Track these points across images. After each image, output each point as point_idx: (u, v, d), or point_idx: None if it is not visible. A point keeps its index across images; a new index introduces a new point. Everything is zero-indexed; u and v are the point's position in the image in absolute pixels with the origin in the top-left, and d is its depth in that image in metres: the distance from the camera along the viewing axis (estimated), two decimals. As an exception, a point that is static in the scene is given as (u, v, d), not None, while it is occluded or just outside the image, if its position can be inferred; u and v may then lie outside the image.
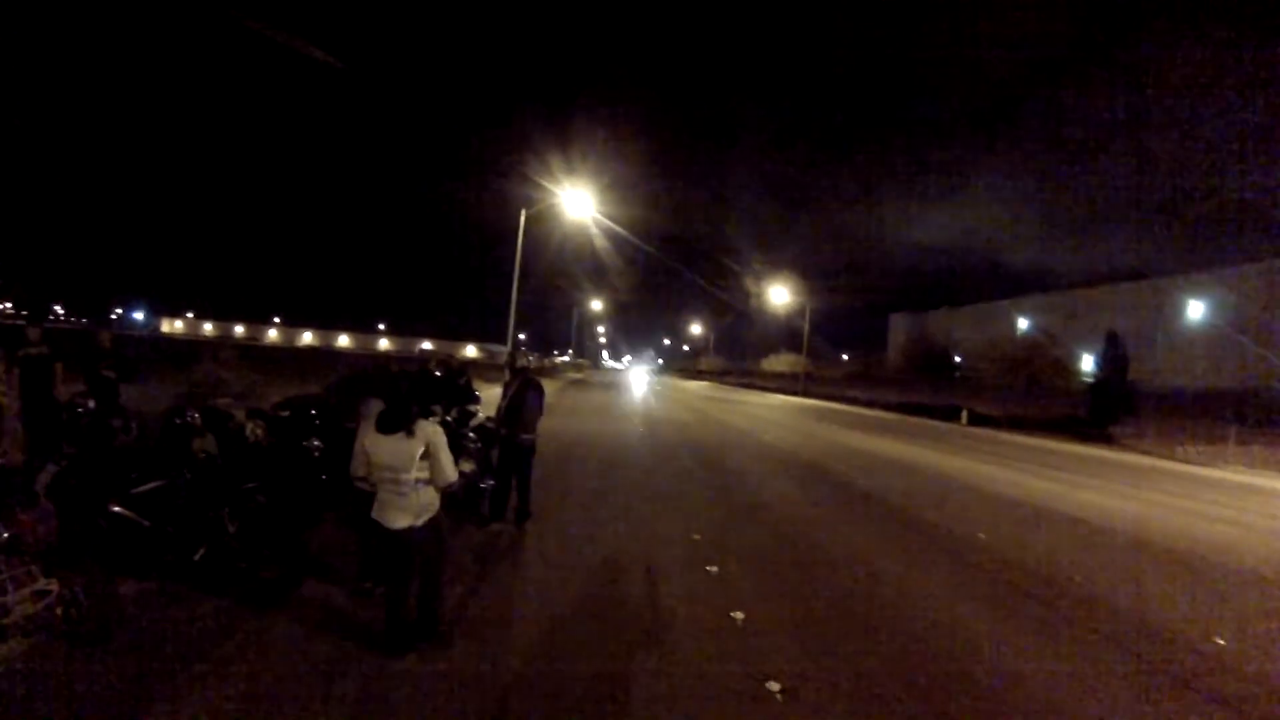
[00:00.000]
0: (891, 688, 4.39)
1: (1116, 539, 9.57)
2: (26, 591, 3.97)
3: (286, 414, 7.66)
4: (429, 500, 4.45)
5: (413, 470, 4.32)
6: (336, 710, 3.70)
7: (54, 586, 4.06)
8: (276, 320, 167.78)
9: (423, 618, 4.65)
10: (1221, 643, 5.71)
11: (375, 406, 5.31)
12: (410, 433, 4.36)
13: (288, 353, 51.66)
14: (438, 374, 10.21)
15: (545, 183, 26.62)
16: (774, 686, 4.25)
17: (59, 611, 4.05)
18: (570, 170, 27.88)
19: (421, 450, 4.34)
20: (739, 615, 5.42)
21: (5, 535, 4.02)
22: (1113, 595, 6.81)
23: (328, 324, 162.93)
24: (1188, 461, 23.24)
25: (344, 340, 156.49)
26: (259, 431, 6.90)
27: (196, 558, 5.15)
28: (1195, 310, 65.99)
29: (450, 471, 4.46)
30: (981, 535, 8.93)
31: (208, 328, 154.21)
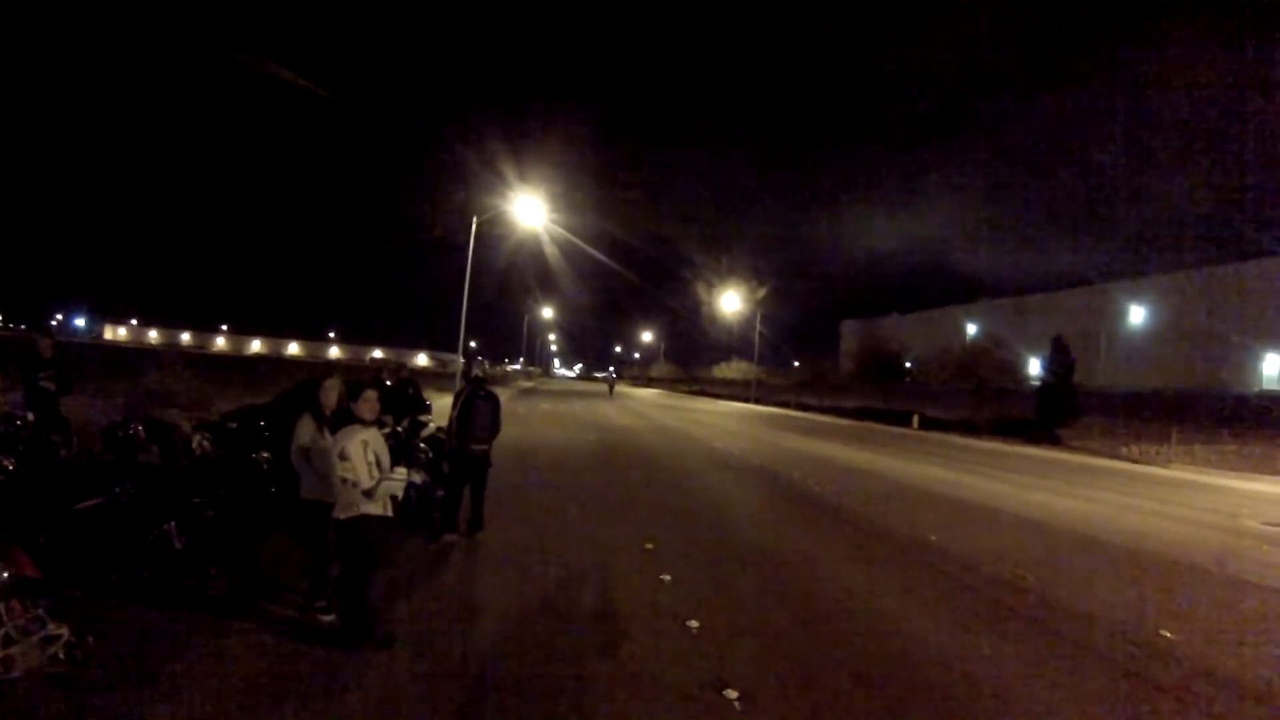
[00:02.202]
0: (848, 691, 4.43)
1: (1066, 537, 9.80)
2: (34, 640, 3.66)
3: (234, 425, 7.50)
4: (349, 499, 4.64)
5: (337, 469, 4.58)
6: (289, 727, 3.63)
7: (63, 631, 3.77)
8: (224, 328, 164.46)
9: (346, 623, 4.71)
10: (1168, 635, 5.88)
11: (306, 421, 5.25)
12: (332, 433, 4.80)
13: (236, 361, 50.59)
14: (388, 383, 10.08)
15: (497, 190, 26.55)
16: (731, 694, 4.26)
17: (62, 655, 3.74)
18: (522, 177, 27.86)
19: (339, 450, 4.59)
20: (694, 623, 5.43)
21: (5, 576, 3.68)
22: (1063, 592, 6.97)
23: (277, 331, 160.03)
24: (1133, 461, 23.88)
25: (294, 348, 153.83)
26: (206, 444, 6.76)
27: (143, 575, 5.01)
28: (1137, 315, 67.93)
29: (363, 476, 4.63)
30: (934, 537, 9.07)
31: (153, 335, 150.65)
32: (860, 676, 4.67)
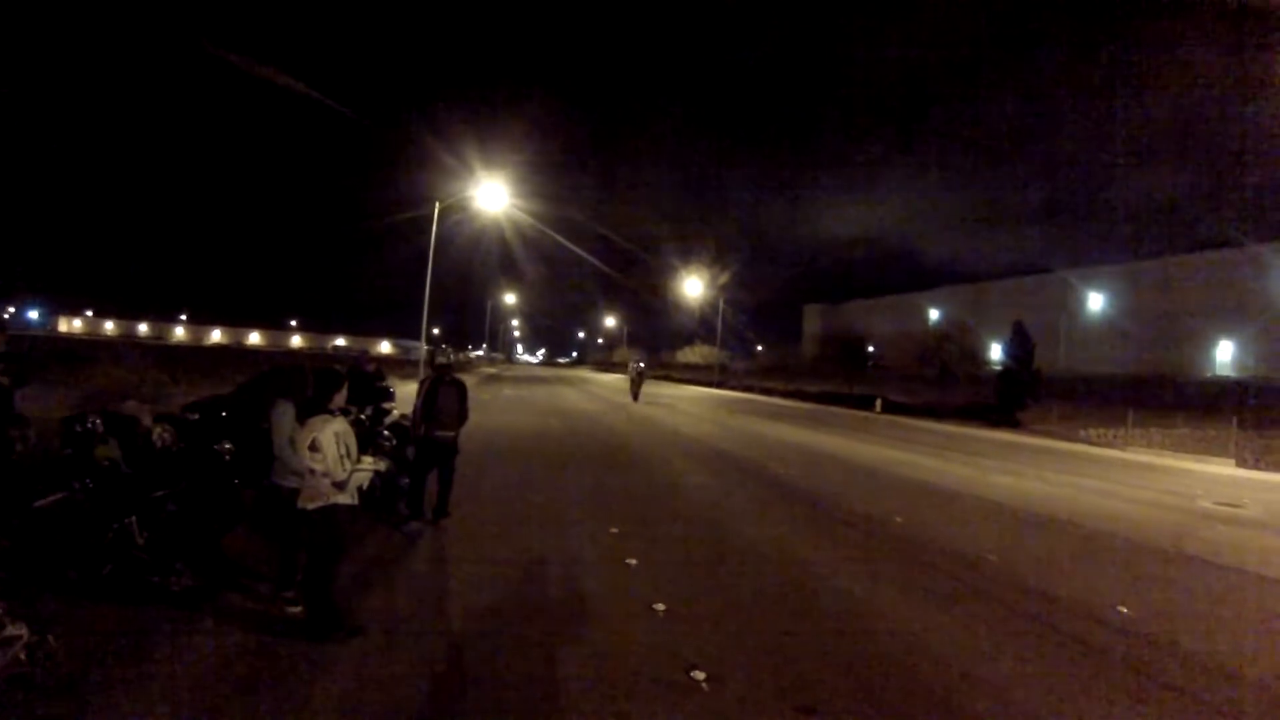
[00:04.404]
0: (815, 671, 4.51)
1: (1026, 518, 10.03)
2: None
3: (196, 417, 7.39)
4: (318, 489, 4.63)
5: (305, 458, 4.61)
6: (261, 716, 3.62)
7: (23, 632, 3.66)
8: (183, 318, 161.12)
9: (313, 614, 4.69)
10: (1125, 611, 6.08)
11: (284, 408, 5.21)
12: (303, 424, 4.78)
13: (196, 352, 49.70)
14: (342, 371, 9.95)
15: (459, 175, 26.39)
16: (699, 675, 4.31)
17: (23, 656, 3.63)
18: (484, 163, 27.62)
19: (309, 441, 4.59)
20: (660, 606, 5.48)
21: None
22: (1026, 571, 7.15)
23: (237, 321, 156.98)
24: (1091, 444, 24.39)
25: (255, 338, 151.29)
26: (167, 436, 6.64)
27: (105, 572, 4.94)
28: (1096, 302, 69.24)
29: (334, 467, 4.61)
30: (898, 519, 9.21)
31: (109, 326, 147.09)
32: (827, 656, 4.75)
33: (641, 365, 36.84)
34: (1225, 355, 58.89)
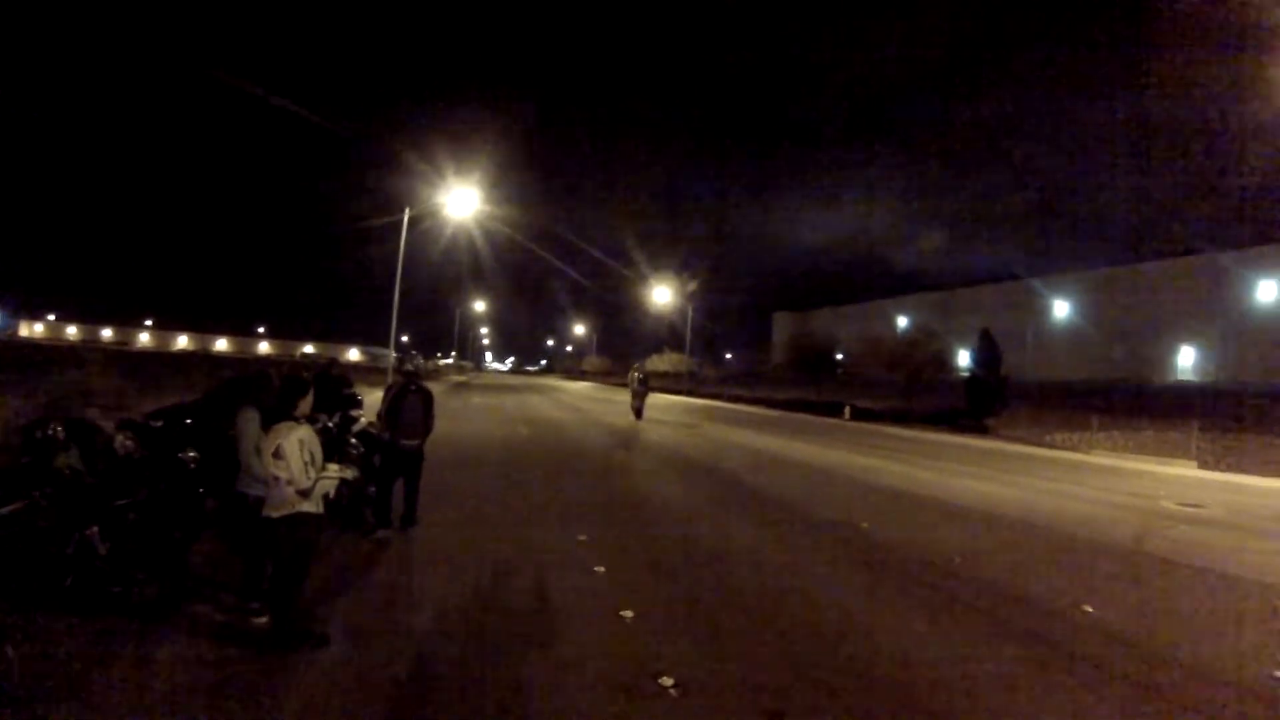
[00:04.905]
0: (784, 677, 4.54)
1: (993, 521, 10.17)
2: None
3: (159, 424, 7.30)
4: (283, 497, 4.57)
5: (269, 465, 4.52)
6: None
7: None
8: (148, 323, 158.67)
9: (279, 624, 4.64)
10: (1090, 610, 6.19)
11: (249, 415, 5.17)
12: (268, 431, 4.70)
13: (161, 358, 48.92)
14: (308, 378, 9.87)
15: (429, 181, 26.26)
16: (667, 682, 4.33)
17: None
18: (455, 170, 27.43)
19: (273, 449, 4.52)
20: (628, 614, 5.49)
21: None
22: (992, 573, 7.26)
23: (204, 327, 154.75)
24: (1056, 448, 24.69)
25: (222, 344, 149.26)
26: (130, 444, 6.55)
27: (66, 583, 4.86)
28: (1061, 309, 70.43)
29: (299, 475, 4.54)
30: (865, 524, 9.30)
31: (72, 331, 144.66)
32: (796, 662, 4.78)
33: (643, 375, 28.19)
34: (1187, 361, 60.13)
